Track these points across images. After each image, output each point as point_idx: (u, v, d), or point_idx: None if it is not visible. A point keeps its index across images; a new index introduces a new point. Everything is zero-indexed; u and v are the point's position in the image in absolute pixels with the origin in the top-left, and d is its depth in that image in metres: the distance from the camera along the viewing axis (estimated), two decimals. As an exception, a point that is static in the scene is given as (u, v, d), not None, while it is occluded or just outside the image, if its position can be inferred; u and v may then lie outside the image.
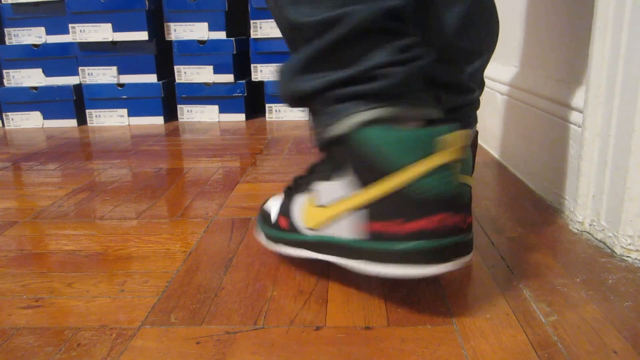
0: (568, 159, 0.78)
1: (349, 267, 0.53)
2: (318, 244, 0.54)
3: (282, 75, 0.51)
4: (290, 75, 0.50)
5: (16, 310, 0.56)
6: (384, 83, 0.46)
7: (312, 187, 0.54)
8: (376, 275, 0.53)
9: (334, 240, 0.52)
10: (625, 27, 0.61)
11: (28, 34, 1.73)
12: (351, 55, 0.47)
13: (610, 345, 0.47)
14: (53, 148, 1.39)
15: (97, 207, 0.89)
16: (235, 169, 1.11)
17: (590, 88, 0.68)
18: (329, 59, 0.48)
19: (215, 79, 1.69)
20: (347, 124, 0.47)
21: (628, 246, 0.63)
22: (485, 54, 0.62)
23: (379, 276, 0.53)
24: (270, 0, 0.51)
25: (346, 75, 0.47)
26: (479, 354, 0.46)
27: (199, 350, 0.48)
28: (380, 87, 0.46)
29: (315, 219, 0.53)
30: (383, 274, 0.50)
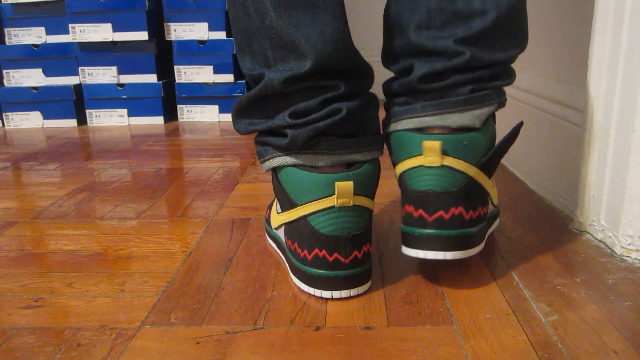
0: (568, 159, 0.78)
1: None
2: (275, 239, 0.67)
3: (232, 112, 0.62)
4: (234, 115, 0.61)
5: (16, 310, 0.56)
6: (285, 140, 0.56)
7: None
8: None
9: (280, 240, 0.65)
10: (625, 27, 0.61)
11: (28, 34, 1.74)
12: (269, 110, 0.57)
13: (610, 345, 0.47)
14: (53, 148, 1.39)
15: (97, 207, 0.89)
16: (235, 169, 1.11)
17: (590, 88, 0.68)
18: (256, 108, 0.58)
19: (215, 79, 1.69)
20: (266, 165, 0.59)
21: (628, 246, 0.63)
22: (490, 13, 0.54)
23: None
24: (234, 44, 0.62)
25: (264, 127, 0.58)
26: (479, 354, 0.46)
27: (199, 350, 0.48)
28: (282, 142, 0.56)
29: (275, 221, 0.64)
30: (298, 286, 0.59)
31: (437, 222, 0.55)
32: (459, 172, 0.54)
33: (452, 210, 0.55)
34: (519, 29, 0.58)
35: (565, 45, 0.81)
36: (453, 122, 0.55)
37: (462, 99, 0.55)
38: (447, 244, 0.55)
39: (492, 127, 0.57)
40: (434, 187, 0.55)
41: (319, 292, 0.56)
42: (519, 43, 0.58)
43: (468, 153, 0.54)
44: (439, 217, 0.55)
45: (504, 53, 0.56)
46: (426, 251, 0.55)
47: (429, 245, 0.55)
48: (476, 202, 0.56)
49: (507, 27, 0.56)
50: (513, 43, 0.57)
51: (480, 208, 0.56)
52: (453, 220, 0.55)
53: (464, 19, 0.55)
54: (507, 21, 0.55)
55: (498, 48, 0.56)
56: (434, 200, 0.55)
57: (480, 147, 0.55)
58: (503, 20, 0.55)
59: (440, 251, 0.55)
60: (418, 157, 0.55)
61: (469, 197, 0.55)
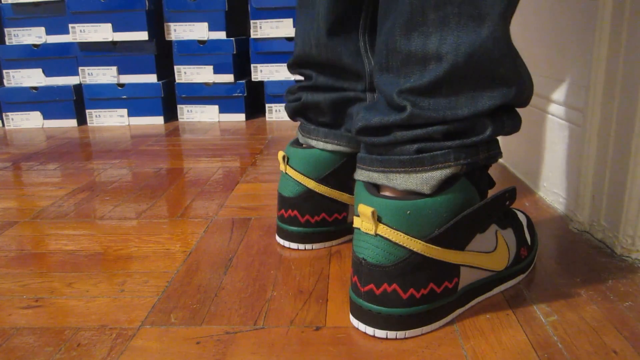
0: (568, 159, 0.78)
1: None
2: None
3: None
4: None
5: (16, 310, 0.56)
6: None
7: None
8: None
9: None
10: (625, 27, 0.61)
11: (28, 34, 1.73)
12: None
13: (610, 345, 0.47)
14: (53, 148, 1.39)
15: (97, 207, 0.89)
16: (235, 169, 1.11)
17: (590, 88, 0.68)
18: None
19: (215, 79, 1.69)
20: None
21: (628, 246, 0.63)
22: (446, 59, 0.45)
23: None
24: None
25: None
26: (479, 354, 0.46)
27: (199, 350, 0.48)
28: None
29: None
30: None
31: (369, 295, 0.49)
32: (397, 246, 0.47)
33: (385, 286, 0.48)
34: (497, 76, 0.46)
35: (565, 45, 0.81)
36: (398, 184, 0.48)
37: (406, 158, 0.47)
38: (376, 321, 0.49)
39: (456, 193, 0.48)
40: (367, 257, 0.48)
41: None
42: (502, 91, 0.46)
43: (412, 224, 0.47)
44: (370, 290, 0.49)
45: (472, 106, 0.46)
46: (358, 322, 0.50)
47: (361, 316, 0.50)
48: (424, 279, 0.48)
49: (475, 76, 0.45)
50: (489, 94, 0.46)
51: (433, 285, 0.48)
52: (384, 297, 0.48)
53: (419, 63, 0.46)
54: (473, 69, 0.45)
55: (462, 101, 0.46)
56: (366, 271, 0.48)
57: (431, 217, 0.47)
58: (464, 68, 0.44)
59: (370, 326, 0.49)
60: (357, 219, 0.49)
61: (411, 274, 0.47)
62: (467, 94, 0.46)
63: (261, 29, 1.65)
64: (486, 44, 0.44)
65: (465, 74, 0.45)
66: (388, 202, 0.47)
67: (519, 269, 0.58)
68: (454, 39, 0.44)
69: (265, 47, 1.67)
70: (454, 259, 0.49)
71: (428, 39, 0.45)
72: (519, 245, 0.58)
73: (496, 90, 0.46)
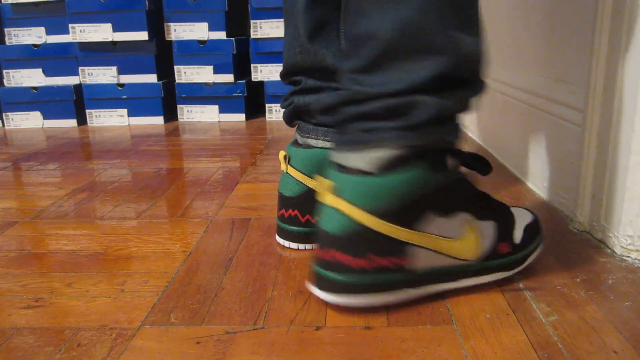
0: (568, 159, 0.78)
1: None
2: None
3: None
4: None
5: (16, 310, 0.56)
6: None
7: None
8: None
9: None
10: (625, 27, 0.61)
11: (28, 34, 1.73)
12: None
13: (610, 345, 0.47)
14: (53, 148, 1.39)
15: (97, 207, 0.89)
16: (235, 169, 1.11)
17: (590, 88, 0.68)
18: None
19: (215, 79, 1.69)
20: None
21: (628, 246, 0.63)
22: (381, 32, 0.46)
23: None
24: None
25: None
26: (479, 354, 0.46)
27: (199, 350, 0.48)
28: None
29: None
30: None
31: (319, 261, 0.53)
32: (345, 216, 0.50)
33: (332, 253, 0.52)
34: (429, 47, 0.45)
35: (565, 45, 0.81)
36: (349, 163, 0.50)
37: (354, 138, 0.49)
38: (323, 284, 0.52)
39: (405, 175, 0.49)
40: (322, 225, 0.52)
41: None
42: (436, 61, 0.45)
43: (359, 197, 0.49)
44: (321, 256, 0.53)
45: (408, 79, 0.46)
46: (310, 284, 0.54)
47: (314, 280, 0.54)
48: (368, 250, 0.51)
49: (408, 49, 0.46)
50: (423, 65, 0.46)
51: (377, 257, 0.51)
52: (332, 263, 0.52)
53: (361, 44, 0.48)
54: (405, 43, 0.45)
55: (398, 75, 0.46)
56: (320, 237, 0.53)
57: (377, 194, 0.49)
58: (397, 42, 0.45)
59: (318, 289, 0.53)
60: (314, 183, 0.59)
61: (356, 244, 0.50)
62: (403, 68, 0.46)
63: (261, 29, 1.65)
64: (414, 17, 0.45)
65: (399, 49, 0.46)
66: (340, 176, 0.51)
67: (498, 265, 0.56)
68: (387, 17, 0.46)
69: (265, 47, 1.67)
70: (400, 235, 0.50)
71: (367, 21, 0.47)
72: (499, 240, 0.56)
73: (430, 60, 0.46)
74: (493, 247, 0.56)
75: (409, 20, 0.45)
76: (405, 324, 0.51)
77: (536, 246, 0.61)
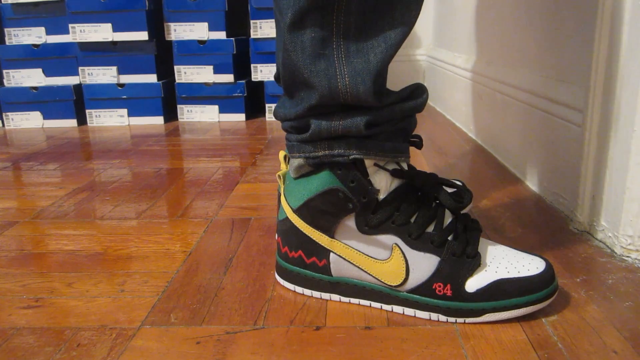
0: (568, 159, 0.78)
1: None
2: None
3: None
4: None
5: (16, 310, 0.56)
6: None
7: None
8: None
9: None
10: (625, 27, 0.61)
11: (28, 34, 1.73)
12: None
13: (610, 345, 0.47)
14: (53, 148, 1.39)
15: (97, 207, 0.89)
16: (235, 169, 1.11)
17: (590, 88, 0.68)
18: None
19: (215, 79, 1.69)
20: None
21: (628, 246, 0.63)
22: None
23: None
24: None
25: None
26: (479, 354, 0.46)
27: (199, 350, 0.48)
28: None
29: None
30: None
31: (277, 242, 0.61)
32: (282, 207, 0.59)
33: (277, 237, 0.61)
34: (303, 81, 0.51)
35: (565, 45, 0.81)
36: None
37: (287, 145, 0.57)
38: (274, 263, 0.64)
39: (313, 182, 0.54)
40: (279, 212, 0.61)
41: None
42: (310, 94, 0.51)
43: (289, 194, 0.57)
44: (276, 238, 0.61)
45: (296, 107, 0.53)
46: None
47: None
48: (295, 244, 0.57)
49: (291, 81, 0.52)
50: (302, 97, 0.52)
51: (302, 252, 0.57)
52: (277, 245, 0.60)
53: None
54: (288, 76, 0.52)
55: (293, 102, 0.53)
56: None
57: (296, 195, 0.56)
58: (284, 75, 0.53)
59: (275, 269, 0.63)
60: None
61: (287, 234, 0.58)
62: (295, 96, 0.53)
63: (261, 29, 1.65)
64: (289, 58, 0.50)
65: (285, 80, 0.53)
66: (286, 172, 0.59)
67: (432, 305, 0.52)
68: (280, 56, 0.53)
69: (265, 47, 1.67)
70: (322, 240, 0.56)
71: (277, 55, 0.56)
72: (435, 279, 0.52)
73: (305, 93, 0.51)
74: (426, 282, 0.52)
75: (286, 62, 0.51)
76: (405, 324, 0.51)
77: (515, 305, 0.51)
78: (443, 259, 0.52)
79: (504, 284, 0.51)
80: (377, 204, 0.53)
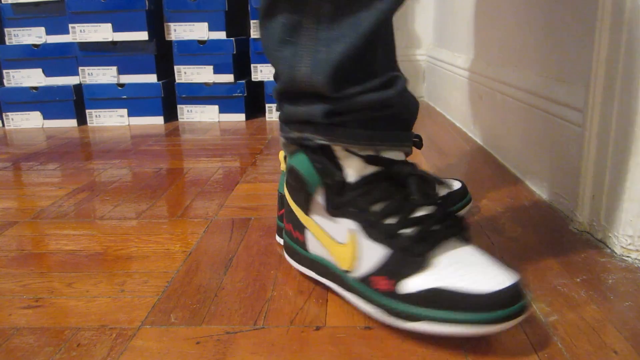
0: (568, 159, 0.78)
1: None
2: None
3: None
4: None
5: (16, 310, 0.56)
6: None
7: None
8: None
9: None
10: (625, 27, 0.61)
11: (28, 34, 1.73)
12: None
13: (610, 345, 0.47)
14: (53, 148, 1.39)
15: (97, 207, 0.89)
16: (235, 169, 1.11)
17: (590, 88, 0.68)
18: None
19: (215, 79, 1.69)
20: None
21: (628, 246, 0.63)
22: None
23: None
24: None
25: None
26: (479, 353, 0.46)
27: (199, 350, 0.48)
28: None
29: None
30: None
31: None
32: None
33: (280, 210, 0.67)
34: (276, 66, 0.55)
35: (565, 45, 0.81)
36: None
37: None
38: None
39: (292, 162, 0.55)
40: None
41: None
42: (281, 79, 0.54)
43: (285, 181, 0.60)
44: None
45: (276, 91, 0.57)
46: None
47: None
48: (287, 215, 0.61)
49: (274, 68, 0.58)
50: (278, 81, 0.57)
51: (292, 226, 0.60)
52: (279, 217, 0.68)
53: None
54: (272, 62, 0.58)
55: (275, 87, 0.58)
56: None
57: (287, 175, 0.58)
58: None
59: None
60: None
61: (286, 206, 0.61)
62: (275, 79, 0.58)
63: (261, 29, 1.65)
64: (261, 39, 0.54)
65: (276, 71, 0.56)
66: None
67: (374, 299, 0.50)
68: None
69: (265, 47, 1.67)
70: (300, 216, 0.58)
71: None
72: (380, 271, 0.49)
73: (279, 79, 0.55)
74: (372, 274, 0.50)
75: (262, 46, 0.54)
76: (405, 324, 0.51)
77: (453, 321, 0.45)
78: (392, 253, 0.49)
79: (443, 293, 0.45)
80: (342, 187, 0.52)
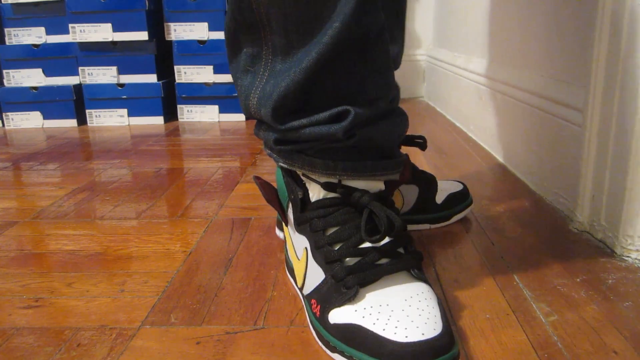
0: (568, 159, 0.78)
1: None
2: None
3: None
4: None
5: (16, 310, 0.56)
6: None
7: None
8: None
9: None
10: (625, 27, 0.61)
11: (28, 34, 1.73)
12: None
13: (610, 345, 0.47)
14: (53, 148, 1.39)
15: (97, 207, 0.89)
16: (235, 169, 1.11)
17: (590, 88, 0.68)
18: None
19: (215, 79, 1.69)
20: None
21: (628, 246, 0.63)
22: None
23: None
24: None
25: None
26: (479, 354, 0.46)
27: (199, 350, 0.48)
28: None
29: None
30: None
31: None
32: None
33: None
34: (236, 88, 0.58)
35: (565, 45, 0.81)
36: None
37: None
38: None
39: (280, 180, 0.57)
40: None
41: None
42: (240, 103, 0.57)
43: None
44: None
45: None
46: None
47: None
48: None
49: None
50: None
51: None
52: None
53: None
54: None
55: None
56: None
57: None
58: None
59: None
60: None
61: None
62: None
63: (261, 29, 1.65)
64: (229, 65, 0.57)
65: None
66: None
67: (311, 319, 0.51)
68: None
69: (265, 47, 1.67)
70: (282, 219, 0.59)
71: None
72: (314, 294, 0.50)
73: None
74: (310, 294, 0.51)
75: (232, 76, 0.55)
76: (405, 324, 0.51)
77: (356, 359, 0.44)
78: (324, 279, 0.49)
79: (359, 332, 0.44)
80: (305, 204, 0.54)
